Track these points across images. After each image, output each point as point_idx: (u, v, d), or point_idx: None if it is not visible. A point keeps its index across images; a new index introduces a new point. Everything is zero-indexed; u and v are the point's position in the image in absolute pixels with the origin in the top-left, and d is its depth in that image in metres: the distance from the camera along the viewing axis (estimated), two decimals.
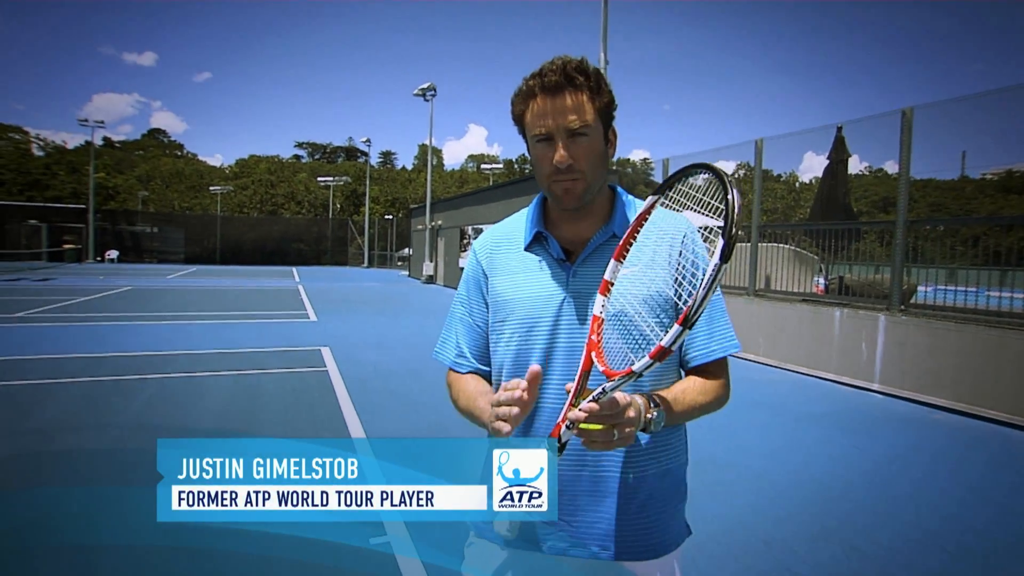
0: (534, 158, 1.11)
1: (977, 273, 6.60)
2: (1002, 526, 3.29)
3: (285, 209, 52.28)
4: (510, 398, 0.93)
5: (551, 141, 1.06)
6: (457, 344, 1.25)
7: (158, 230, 37.51)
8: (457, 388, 1.22)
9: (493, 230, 1.27)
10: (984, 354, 5.50)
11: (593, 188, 1.09)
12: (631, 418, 0.93)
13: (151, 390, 5.62)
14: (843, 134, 7.29)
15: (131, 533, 2.86)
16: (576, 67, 1.04)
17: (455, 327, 1.26)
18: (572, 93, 1.04)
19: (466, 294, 1.25)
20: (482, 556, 1.19)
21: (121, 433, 4.33)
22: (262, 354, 7.67)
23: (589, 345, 1.00)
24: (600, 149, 1.09)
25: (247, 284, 20.74)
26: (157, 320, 10.65)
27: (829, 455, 4.38)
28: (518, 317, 1.14)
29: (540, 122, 1.06)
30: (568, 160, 1.05)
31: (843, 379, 6.74)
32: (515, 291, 1.15)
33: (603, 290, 1.05)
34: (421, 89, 25.41)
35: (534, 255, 1.16)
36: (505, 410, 0.93)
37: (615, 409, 0.92)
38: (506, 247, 1.21)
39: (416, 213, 30.20)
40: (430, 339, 7.39)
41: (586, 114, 1.04)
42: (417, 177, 61.08)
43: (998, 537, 3.15)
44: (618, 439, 0.92)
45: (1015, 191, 24.53)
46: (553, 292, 1.12)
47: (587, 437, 0.92)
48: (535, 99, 1.07)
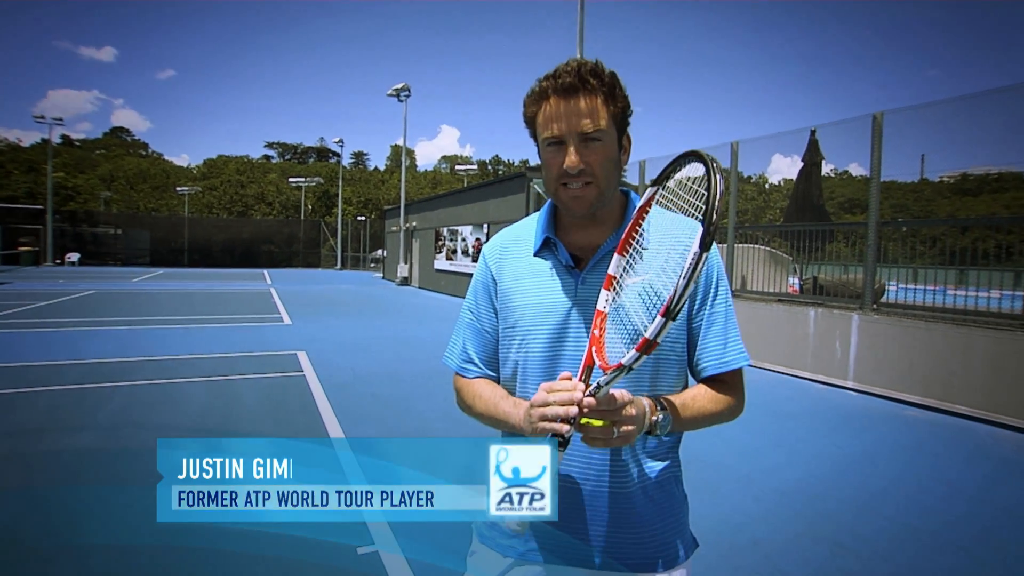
0: (544, 162, 1.08)
1: (935, 273, 6.85)
2: (976, 517, 3.39)
3: (255, 210, 51.27)
4: (567, 398, 0.91)
5: (562, 145, 1.03)
6: (464, 349, 1.22)
7: (122, 232, 36.36)
8: (471, 393, 1.19)
9: (503, 234, 1.24)
10: (953, 351, 5.69)
11: (606, 195, 1.06)
12: (631, 416, 0.92)
13: (120, 398, 5.41)
14: (816, 137, 7.47)
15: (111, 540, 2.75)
16: (591, 70, 1.01)
17: (463, 332, 1.24)
18: (586, 96, 1.01)
19: (474, 299, 1.23)
20: (485, 566, 1.16)
21: (91, 442, 4.16)
22: (236, 359, 7.47)
23: (591, 340, 0.99)
24: (613, 155, 1.06)
25: (217, 287, 20.24)
26: (123, 325, 10.29)
27: (809, 453, 4.46)
28: (526, 323, 1.12)
29: (552, 125, 1.03)
30: (579, 165, 1.02)
31: (818, 377, 6.89)
32: (523, 297, 1.13)
33: (607, 285, 1.04)
34: (395, 89, 25.20)
35: (543, 261, 1.14)
36: (562, 410, 0.90)
37: (613, 405, 0.90)
38: (515, 252, 1.18)
39: (390, 214, 29.92)
40: (408, 342, 7.34)
41: (600, 119, 1.01)
42: (390, 178, 60.57)
43: (973, 529, 3.24)
44: (618, 436, 0.91)
45: (970, 193, 25.57)
46: (561, 299, 1.10)
47: (587, 433, 0.91)
48: (547, 101, 1.03)
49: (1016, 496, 3.78)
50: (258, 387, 6.03)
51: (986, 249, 6.49)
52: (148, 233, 37.08)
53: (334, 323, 11.52)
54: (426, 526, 3.15)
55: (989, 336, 5.45)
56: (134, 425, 4.62)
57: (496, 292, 1.18)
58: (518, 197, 15.65)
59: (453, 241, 20.21)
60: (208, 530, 3.23)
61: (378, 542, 2.89)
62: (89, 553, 2.72)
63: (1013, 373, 5.25)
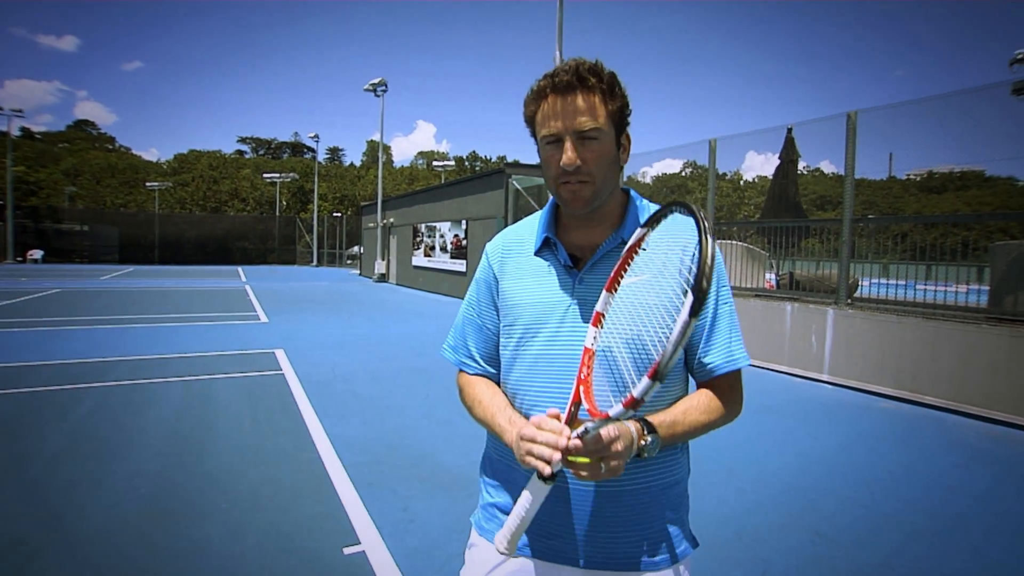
0: (543, 160, 1.09)
1: (903, 268, 7.05)
2: (947, 505, 3.50)
3: (229, 206, 50.21)
4: (552, 441, 0.91)
5: (560, 143, 1.03)
6: (466, 345, 1.24)
7: (88, 228, 35.26)
8: (471, 395, 1.20)
9: (506, 233, 1.25)
10: (923, 344, 5.86)
11: (602, 193, 1.07)
12: (618, 452, 0.92)
13: (92, 400, 5.26)
14: (793, 135, 7.61)
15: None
16: (589, 68, 1.01)
17: (464, 328, 1.25)
18: (584, 94, 1.01)
19: (476, 296, 1.24)
20: (484, 558, 1.16)
21: (64, 444, 4.03)
22: (213, 358, 7.32)
23: (578, 380, 0.98)
24: (611, 153, 1.06)
25: (190, 285, 19.80)
26: (92, 325, 9.99)
27: (787, 445, 4.56)
28: (524, 322, 1.13)
29: (550, 123, 1.03)
30: (576, 162, 1.02)
31: (795, 371, 7.04)
32: (522, 296, 1.14)
33: (595, 322, 1.02)
34: (372, 84, 24.91)
35: (543, 260, 1.15)
36: (548, 451, 0.91)
37: (599, 445, 0.91)
38: (517, 251, 1.19)
39: (367, 211, 29.61)
40: (387, 339, 7.28)
41: (598, 116, 1.01)
42: (366, 174, 59.89)
43: (945, 515, 3.35)
44: (606, 471, 0.91)
45: (935, 191, 26.38)
46: (559, 298, 1.10)
47: (574, 469, 0.92)
48: (546, 99, 1.04)
49: (982, 483, 3.91)
50: (236, 386, 5.92)
51: (951, 245, 6.70)
52: (116, 230, 36.04)
53: (311, 321, 11.36)
54: (410, 525, 3.13)
55: (956, 329, 5.63)
56: (109, 426, 4.50)
57: (497, 290, 1.20)
58: (497, 193, 15.62)
59: (431, 238, 20.09)
60: (192, 530, 3.19)
61: (364, 541, 2.87)
62: (65, 556, 2.64)
63: (978, 365, 5.44)
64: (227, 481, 3.54)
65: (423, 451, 4.19)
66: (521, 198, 15.38)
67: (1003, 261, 5.79)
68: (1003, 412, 5.23)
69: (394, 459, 4.02)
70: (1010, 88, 7.79)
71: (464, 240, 17.52)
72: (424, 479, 3.68)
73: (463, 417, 5.46)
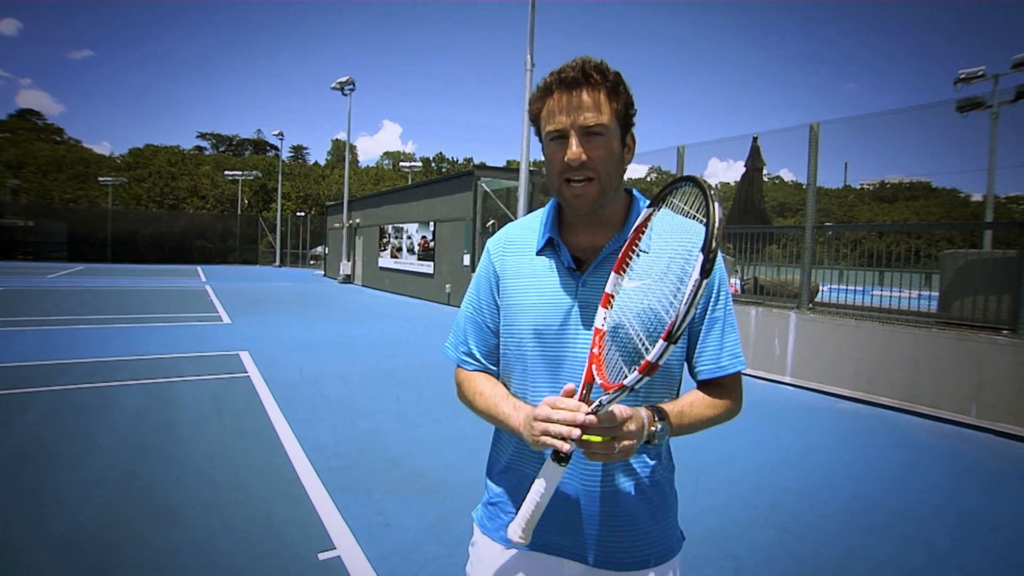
0: (547, 157, 1.08)
1: (857, 274, 7.37)
2: (901, 499, 3.67)
3: (187, 204, 48.56)
4: (570, 418, 0.91)
5: (565, 139, 1.03)
6: (466, 343, 1.23)
7: (34, 224, 33.52)
8: (471, 389, 1.19)
9: (507, 230, 1.24)
10: (878, 347, 6.13)
11: (607, 193, 1.06)
12: (631, 431, 0.93)
13: (43, 405, 5.02)
14: (758, 144, 7.86)
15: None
16: (595, 66, 1.02)
17: (464, 326, 1.24)
18: (589, 91, 1.02)
19: (476, 293, 1.23)
20: (486, 555, 1.17)
21: (10, 454, 3.83)
22: (174, 360, 7.08)
23: (591, 358, 0.99)
24: (616, 151, 1.05)
25: (147, 284, 19.07)
26: (41, 325, 9.53)
27: (753, 446, 4.69)
28: (525, 323, 1.12)
29: (555, 118, 1.03)
30: (581, 157, 1.01)
31: (758, 373, 7.25)
32: (523, 296, 1.13)
33: (604, 303, 1.04)
34: (340, 83, 24.53)
35: (545, 261, 1.14)
36: (566, 429, 0.91)
37: (613, 422, 0.91)
38: (519, 250, 1.18)
39: (332, 211, 29.10)
40: (354, 341, 7.18)
41: (602, 113, 1.02)
42: (331, 173, 58.86)
43: (900, 509, 3.52)
44: (618, 451, 0.92)
45: (887, 200, 27.62)
46: (561, 300, 1.10)
47: (588, 449, 0.92)
48: (551, 96, 1.04)
49: (932, 478, 4.12)
50: (200, 389, 5.74)
51: (901, 252, 7.03)
52: (65, 225, 34.36)
53: (276, 322, 11.10)
54: (385, 529, 3.10)
55: (909, 333, 5.91)
56: (63, 432, 4.30)
57: (499, 287, 1.19)
58: (466, 195, 15.58)
59: (398, 239, 19.89)
60: (157, 538, 3.09)
61: (339, 546, 2.83)
62: (22, 569, 2.51)
63: (928, 367, 5.72)
64: (193, 487, 3.43)
65: (395, 454, 4.15)
66: (489, 200, 15.38)
67: (951, 268, 6.10)
68: (950, 411, 5.51)
69: (366, 463, 3.97)
70: (955, 106, 8.25)
71: (432, 242, 17.41)
72: (397, 482, 3.65)
73: (434, 419, 5.43)
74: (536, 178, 13.16)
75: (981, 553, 3.03)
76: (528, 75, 11.25)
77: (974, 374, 5.36)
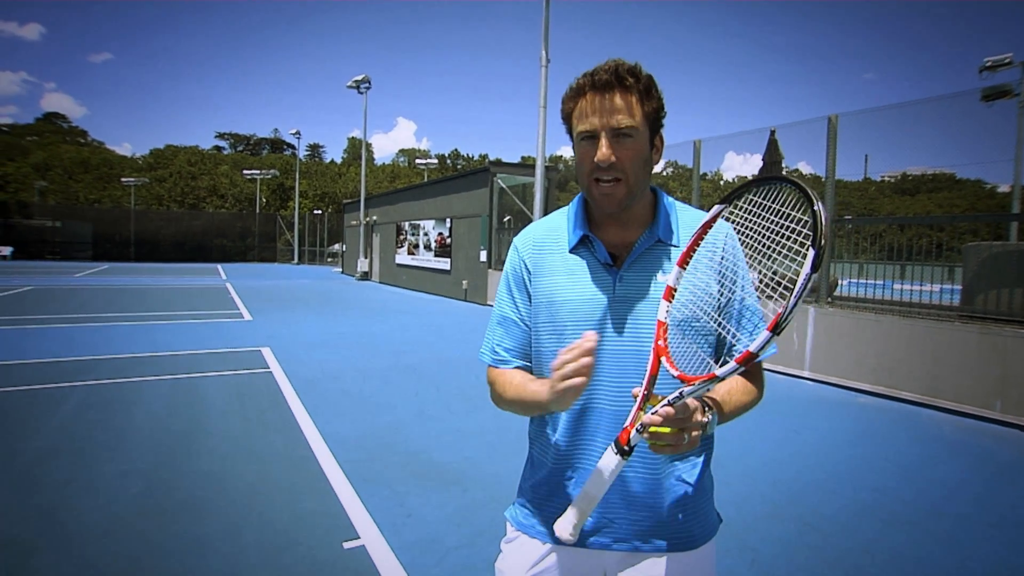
0: (577, 156, 1.10)
1: (878, 268, 7.26)
2: (923, 494, 3.65)
3: (207, 203, 49.34)
4: (576, 354, 0.92)
5: (595, 139, 1.05)
6: (501, 343, 1.23)
7: (61, 224, 34.38)
8: (502, 382, 1.19)
9: (534, 228, 1.25)
10: (899, 341, 6.06)
11: (635, 193, 1.09)
12: (700, 422, 0.94)
13: (77, 399, 5.19)
14: (776, 137, 7.78)
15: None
16: (628, 69, 1.04)
17: (495, 328, 1.24)
18: (622, 93, 1.04)
19: (507, 291, 1.23)
20: (525, 551, 1.18)
21: (49, 444, 3.98)
22: (198, 356, 7.25)
23: (656, 350, 1.00)
24: (645, 153, 1.08)
25: (169, 282, 19.46)
26: (70, 323, 9.80)
27: (772, 439, 4.68)
28: (562, 320, 1.13)
29: (587, 119, 1.06)
30: (611, 158, 1.04)
31: (777, 368, 7.20)
32: (559, 293, 1.14)
33: (667, 296, 1.04)
34: (355, 81, 24.70)
35: (579, 257, 1.15)
36: (575, 364, 0.92)
37: (687, 413, 0.92)
38: (550, 247, 1.19)
39: (349, 208, 29.37)
40: (373, 337, 7.28)
41: (634, 115, 1.04)
42: (347, 171, 59.30)
43: (921, 504, 3.49)
44: (687, 443, 0.93)
45: (908, 192, 27.10)
46: (599, 296, 1.11)
47: (657, 440, 0.92)
48: (584, 97, 1.06)
49: (955, 474, 4.08)
50: (224, 384, 5.88)
51: (923, 246, 6.93)
52: (90, 226, 35.18)
53: (296, 319, 11.28)
54: (408, 520, 3.18)
55: (931, 327, 5.83)
56: (95, 425, 4.45)
57: (531, 283, 1.19)
58: (482, 192, 15.64)
59: (415, 236, 20.03)
60: (189, 528, 3.21)
61: (363, 536, 2.91)
62: (62, 554, 2.63)
63: (950, 361, 5.64)
64: (221, 479, 3.54)
65: (416, 448, 4.23)
66: (505, 196, 15.43)
67: (975, 261, 6.01)
68: (973, 406, 5.44)
69: (388, 456, 4.05)
70: (979, 95, 8.07)
71: (448, 238, 17.50)
72: (419, 475, 3.72)
73: (453, 414, 5.50)
74: (552, 174, 13.17)
75: (1006, 549, 3.01)
76: (543, 71, 11.23)
77: (999, 368, 5.28)
